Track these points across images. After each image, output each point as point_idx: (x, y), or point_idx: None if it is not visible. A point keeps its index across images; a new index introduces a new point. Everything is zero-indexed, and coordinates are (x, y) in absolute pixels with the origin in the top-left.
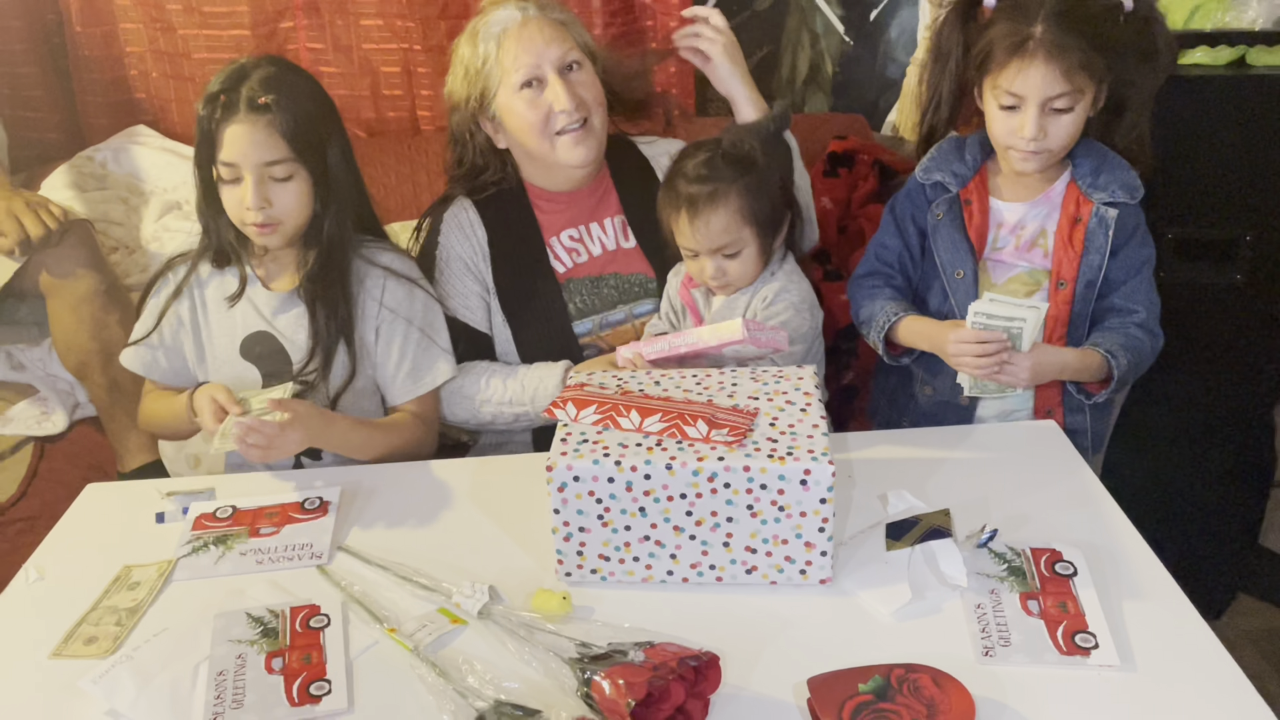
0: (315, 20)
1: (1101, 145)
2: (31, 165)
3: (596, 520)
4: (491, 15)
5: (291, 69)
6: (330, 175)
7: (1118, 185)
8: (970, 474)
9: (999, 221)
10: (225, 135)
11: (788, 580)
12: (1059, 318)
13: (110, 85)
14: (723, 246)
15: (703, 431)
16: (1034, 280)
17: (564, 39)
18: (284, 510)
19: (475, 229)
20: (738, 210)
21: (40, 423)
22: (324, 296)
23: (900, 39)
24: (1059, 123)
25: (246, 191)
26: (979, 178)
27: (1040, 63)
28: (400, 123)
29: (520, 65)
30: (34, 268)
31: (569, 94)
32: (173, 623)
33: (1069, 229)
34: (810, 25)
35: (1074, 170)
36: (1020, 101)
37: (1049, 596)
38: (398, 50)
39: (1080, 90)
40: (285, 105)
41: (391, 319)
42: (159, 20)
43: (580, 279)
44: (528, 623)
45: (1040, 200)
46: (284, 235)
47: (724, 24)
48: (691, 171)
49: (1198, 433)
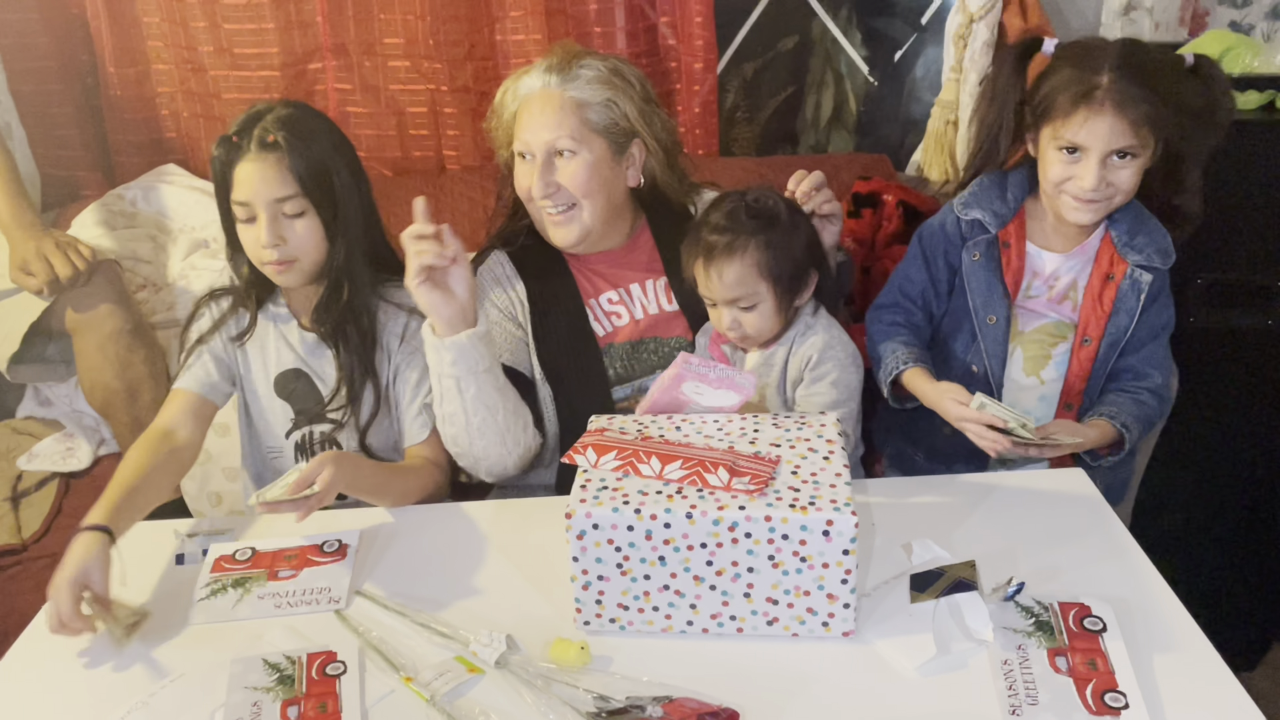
0: (343, 61)
1: (1137, 203)
2: (63, 203)
3: (616, 569)
4: (527, 76)
5: (306, 110)
6: (341, 211)
7: (1154, 249)
8: (996, 524)
9: (1035, 270)
10: (237, 175)
11: (810, 632)
12: (1081, 374)
13: (141, 125)
14: (738, 298)
15: (724, 479)
16: (1059, 333)
17: (562, 124)
18: (303, 553)
19: (514, 282)
20: (755, 264)
21: (65, 459)
22: (336, 329)
23: (925, 79)
24: (1118, 175)
25: (260, 229)
26: (1018, 220)
27: (1109, 114)
28: (426, 162)
29: (519, 139)
30: (61, 306)
31: (540, 177)
32: (189, 668)
33: (1100, 286)
34: (834, 65)
35: (1110, 225)
36: (1082, 151)
37: (1078, 653)
38: (424, 91)
39: (1145, 144)
40: (294, 143)
41: (409, 358)
42: (190, 62)
43: (620, 344)
44: (545, 673)
45: (1076, 253)
46: (301, 273)
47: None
48: (714, 221)
49: (1229, 480)
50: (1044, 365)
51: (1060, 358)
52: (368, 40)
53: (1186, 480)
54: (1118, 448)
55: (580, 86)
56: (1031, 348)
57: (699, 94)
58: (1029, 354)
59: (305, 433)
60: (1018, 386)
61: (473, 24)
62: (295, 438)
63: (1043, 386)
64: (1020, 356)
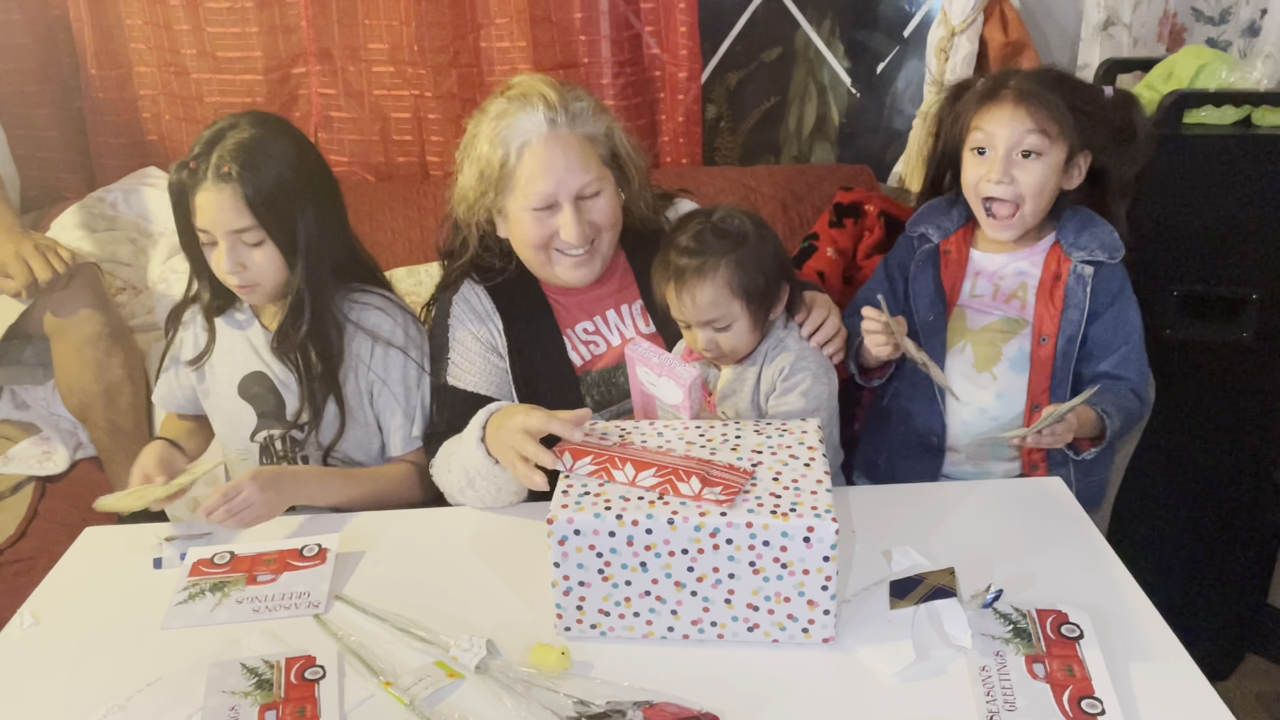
0: (328, 66)
1: (1089, 211)
2: (43, 205)
3: (597, 574)
4: (516, 119)
5: (267, 128)
6: (301, 238)
7: (1097, 245)
8: (974, 531)
9: (977, 270)
10: (197, 203)
11: (790, 639)
12: (1043, 373)
13: (123, 127)
14: (712, 320)
15: (695, 489)
16: (1009, 329)
17: (587, 166)
18: (282, 557)
19: (492, 316)
20: (726, 284)
21: (42, 462)
22: (298, 352)
23: (906, 91)
24: (1026, 169)
25: (221, 257)
26: (963, 231)
27: (1009, 104)
28: (410, 168)
29: (536, 190)
30: (39, 309)
31: (578, 224)
32: (167, 672)
33: (1050, 285)
34: (817, 77)
35: (1058, 231)
36: (990, 147)
37: (1055, 660)
38: (409, 97)
39: (1048, 136)
40: (247, 175)
41: (385, 373)
42: (174, 64)
43: (597, 371)
44: (525, 678)
45: (1020, 254)
46: (265, 294)
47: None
48: (682, 243)
49: (1205, 491)
50: (996, 362)
51: (1016, 357)
52: (352, 45)
53: (1162, 491)
54: (1099, 440)
55: (586, 122)
56: (982, 345)
57: (683, 103)
58: (979, 351)
59: (268, 435)
60: (971, 382)
61: (457, 30)
62: (259, 439)
63: (997, 382)
64: (970, 353)
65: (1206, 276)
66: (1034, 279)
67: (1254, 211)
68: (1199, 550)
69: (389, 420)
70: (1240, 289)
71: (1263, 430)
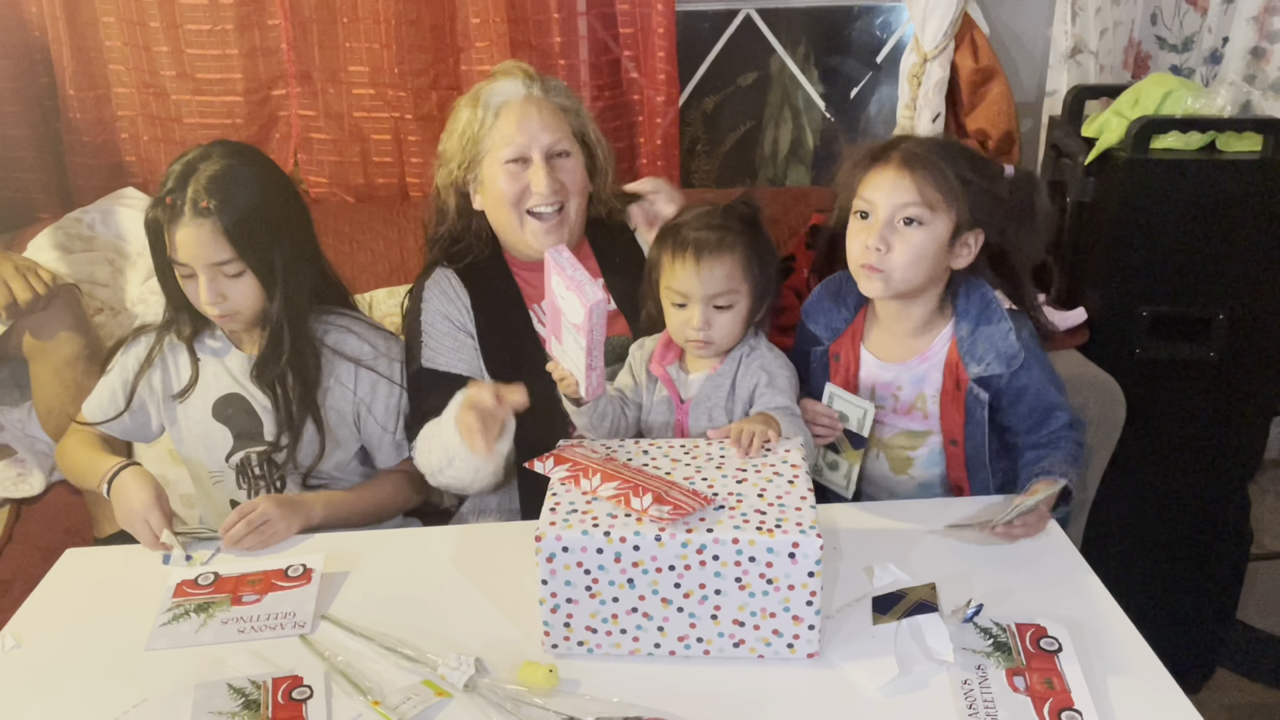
0: (308, 88)
1: (987, 291)
2: (19, 226)
3: (584, 591)
4: (497, 83)
5: (238, 157)
6: (279, 266)
7: (993, 355)
8: (953, 547)
9: (873, 381)
10: (176, 237)
11: (775, 654)
12: (959, 468)
13: (100, 148)
14: (721, 295)
15: (644, 504)
16: (914, 440)
17: (559, 126)
18: (267, 577)
19: (460, 294)
20: (742, 260)
21: (17, 484)
22: (277, 379)
23: (879, 116)
24: (905, 238)
25: (201, 289)
26: (852, 330)
27: (893, 169)
28: (389, 189)
29: (510, 141)
30: (18, 331)
31: (549, 180)
32: (152, 693)
33: (952, 393)
34: (792, 101)
35: (955, 326)
36: (871, 211)
37: (1035, 673)
38: (389, 119)
39: (930, 207)
40: (226, 209)
41: (372, 391)
42: (152, 85)
43: None
44: (514, 696)
45: (915, 362)
46: (244, 321)
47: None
48: (701, 220)
49: (1174, 507)
50: (909, 465)
51: (930, 456)
52: (332, 68)
53: (1133, 507)
54: (1065, 499)
55: (560, 95)
56: (893, 451)
57: (660, 127)
58: (892, 457)
59: (245, 455)
60: (891, 483)
61: (438, 54)
62: (236, 460)
63: (916, 478)
64: (884, 459)
65: (1173, 297)
66: (934, 386)
67: (1219, 233)
68: (1169, 566)
69: (376, 440)
70: (1207, 309)
71: (1230, 447)
